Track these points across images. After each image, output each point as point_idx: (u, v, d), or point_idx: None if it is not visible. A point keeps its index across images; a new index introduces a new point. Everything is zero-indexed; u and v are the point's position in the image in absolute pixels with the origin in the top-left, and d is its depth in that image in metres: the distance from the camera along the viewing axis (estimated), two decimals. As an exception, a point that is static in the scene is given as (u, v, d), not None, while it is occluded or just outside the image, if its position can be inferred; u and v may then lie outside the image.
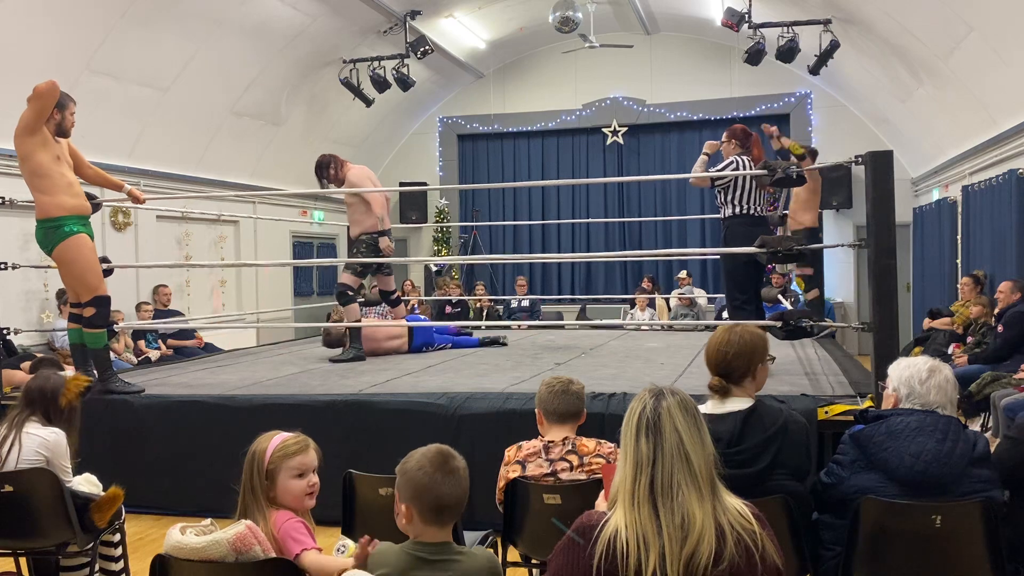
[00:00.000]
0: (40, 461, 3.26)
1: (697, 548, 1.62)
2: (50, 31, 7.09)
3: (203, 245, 10.11)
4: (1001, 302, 6.86)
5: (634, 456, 1.72)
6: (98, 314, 4.97)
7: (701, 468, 1.70)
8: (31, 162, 4.77)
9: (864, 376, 5.20)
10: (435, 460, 2.02)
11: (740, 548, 1.64)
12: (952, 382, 2.65)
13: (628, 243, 13.17)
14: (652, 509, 1.66)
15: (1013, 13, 6.64)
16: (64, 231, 4.82)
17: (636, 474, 1.70)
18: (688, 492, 1.67)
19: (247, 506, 2.37)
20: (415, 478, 2.00)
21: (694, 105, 12.57)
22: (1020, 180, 7.41)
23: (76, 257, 4.87)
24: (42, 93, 4.70)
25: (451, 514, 2.02)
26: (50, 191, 4.81)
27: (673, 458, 1.69)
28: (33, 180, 4.81)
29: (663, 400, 1.77)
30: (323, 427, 4.45)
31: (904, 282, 11.21)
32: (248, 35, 8.94)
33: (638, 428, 1.74)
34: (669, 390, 1.80)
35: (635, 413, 1.77)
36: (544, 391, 2.99)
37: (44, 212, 4.82)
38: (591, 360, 6.39)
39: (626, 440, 1.76)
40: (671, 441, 1.71)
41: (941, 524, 2.47)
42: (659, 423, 1.72)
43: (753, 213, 5.23)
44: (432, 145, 13.72)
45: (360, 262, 6.41)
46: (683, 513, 1.65)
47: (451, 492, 2.00)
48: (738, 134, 5.41)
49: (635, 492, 1.69)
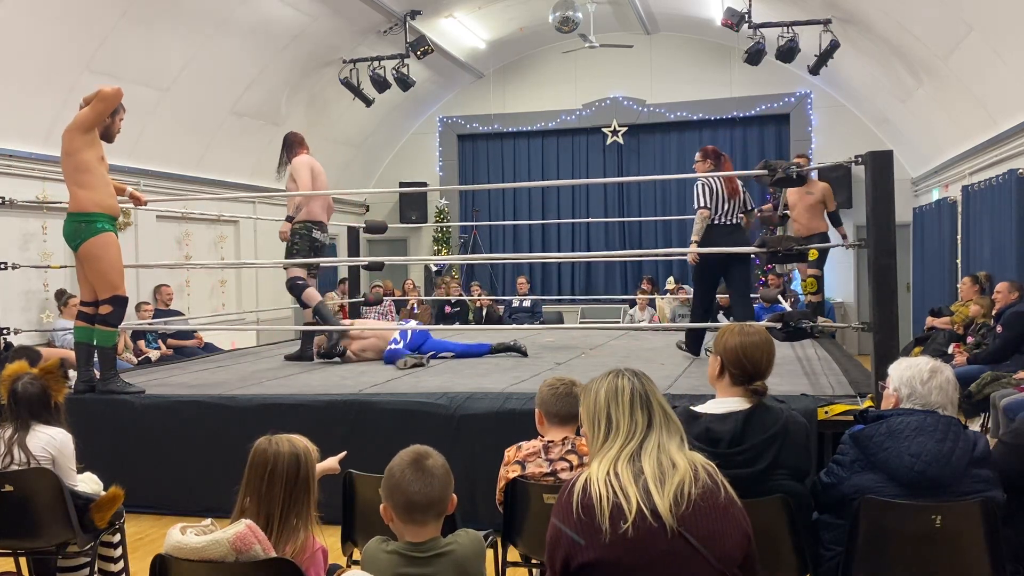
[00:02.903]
0: (46, 459, 3.25)
1: (682, 480, 1.91)
2: (50, 31, 7.08)
3: (203, 245, 10.11)
4: (999, 302, 6.86)
5: (628, 426, 1.99)
6: (115, 313, 5.04)
7: (679, 428, 2.04)
8: (77, 158, 4.89)
9: (864, 376, 5.20)
10: (409, 459, 2.07)
11: (708, 476, 1.95)
12: (953, 383, 2.65)
13: (628, 243, 13.17)
14: (632, 463, 1.94)
15: (1013, 13, 6.64)
16: (96, 227, 4.93)
17: (628, 439, 1.98)
18: (672, 447, 1.98)
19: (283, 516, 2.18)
20: (391, 477, 2.06)
21: (694, 105, 12.56)
22: (1020, 180, 7.41)
23: (103, 254, 4.97)
24: (107, 96, 4.85)
25: (424, 513, 2.03)
26: (90, 187, 4.92)
27: (663, 424, 2.01)
28: (75, 175, 4.92)
29: (643, 380, 2.07)
30: (323, 427, 4.45)
31: (904, 282, 11.20)
32: (248, 35, 8.94)
33: (632, 404, 2.01)
34: (638, 371, 2.10)
35: (624, 391, 2.03)
36: (546, 392, 2.98)
37: (79, 206, 4.92)
38: (591, 360, 6.40)
39: (616, 415, 2.01)
40: (659, 413, 2.02)
41: (941, 524, 2.47)
42: (648, 399, 2.03)
43: (727, 223, 5.69)
44: (432, 145, 13.71)
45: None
46: (669, 459, 1.95)
47: (422, 491, 2.01)
48: (710, 154, 5.89)
49: (621, 452, 1.96)
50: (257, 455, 2.24)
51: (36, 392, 3.31)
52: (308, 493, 2.24)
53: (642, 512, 1.85)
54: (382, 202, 13.73)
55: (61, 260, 7.52)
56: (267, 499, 2.19)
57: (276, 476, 2.19)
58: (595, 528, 1.86)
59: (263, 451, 2.23)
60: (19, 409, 3.30)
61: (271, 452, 2.22)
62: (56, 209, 7.32)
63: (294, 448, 2.24)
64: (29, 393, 3.30)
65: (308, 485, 2.24)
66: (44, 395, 3.33)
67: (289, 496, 2.20)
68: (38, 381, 3.34)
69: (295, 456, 2.23)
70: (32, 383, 3.33)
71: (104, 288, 5.01)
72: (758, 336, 2.65)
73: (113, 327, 5.08)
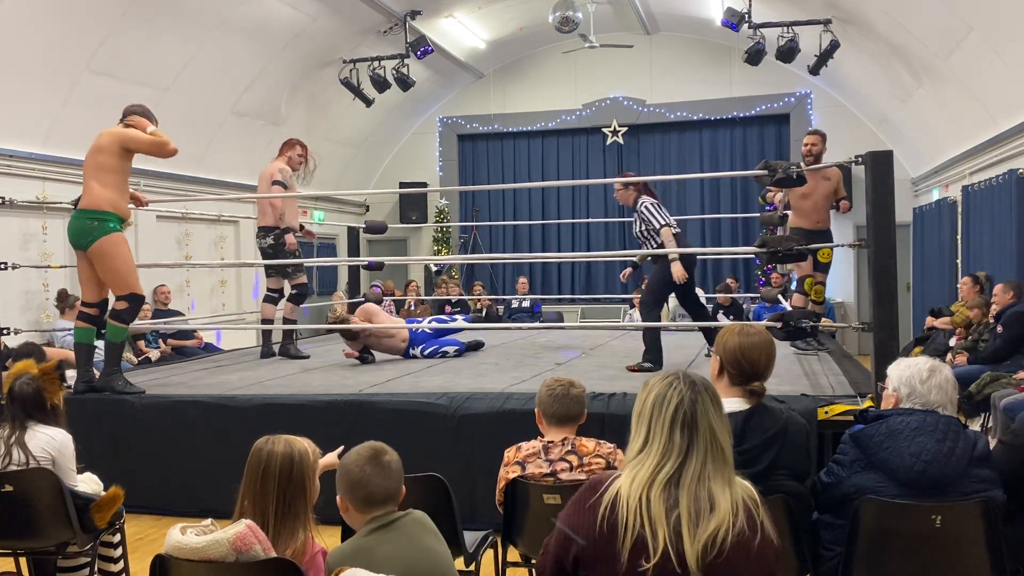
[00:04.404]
0: (46, 459, 3.26)
1: (719, 526, 1.73)
2: (50, 31, 7.08)
3: (203, 245, 10.11)
4: (997, 304, 6.86)
5: (664, 446, 1.79)
6: (129, 310, 5.08)
7: (729, 458, 1.82)
8: (107, 157, 4.96)
9: (864, 376, 5.20)
10: (367, 455, 2.17)
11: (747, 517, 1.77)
12: (952, 382, 2.65)
13: (628, 243, 13.16)
14: (669, 493, 1.75)
15: (1013, 13, 6.64)
16: (109, 226, 4.96)
17: (662, 460, 1.78)
18: (716, 481, 1.78)
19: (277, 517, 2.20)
20: (349, 472, 2.15)
21: (694, 105, 12.56)
22: (1020, 180, 7.41)
23: (117, 253, 5.01)
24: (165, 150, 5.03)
25: (383, 505, 2.15)
26: (110, 186, 4.98)
27: (707, 452, 1.79)
28: (98, 172, 4.96)
29: (698, 394, 1.83)
30: (323, 427, 4.45)
31: (904, 282, 11.20)
32: (248, 35, 8.94)
33: (673, 421, 1.80)
34: (700, 381, 1.87)
35: (670, 404, 1.82)
36: (545, 394, 2.98)
37: (94, 203, 4.94)
38: (591, 360, 6.40)
39: (655, 428, 1.82)
40: (705, 436, 1.80)
41: (941, 524, 2.47)
42: (695, 419, 1.80)
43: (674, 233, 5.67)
44: (432, 145, 13.71)
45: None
46: (709, 499, 1.75)
47: (382, 484, 2.13)
48: (636, 184, 5.91)
49: (653, 475, 1.77)
50: (253, 455, 2.26)
51: (31, 393, 3.32)
52: (304, 494, 2.24)
53: (668, 554, 1.71)
54: (382, 202, 13.73)
55: (61, 260, 7.52)
56: (261, 499, 2.21)
57: (269, 476, 2.21)
58: (613, 552, 1.76)
59: (259, 451, 2.25)
60: (15, 409, 3.31)
61: (265, 452, 2.24)
62: (56, 209, 7.33)
63: (289, 449, 2.25)
64: (24, 393, 3.31)
65: (303, 486, 2.24)
66: (39, 396, 3.33)
67: (283, 496, 2.21)
68: (34, 382, 3.34)
69: (289, 457, 2.24)
70: (28, 383, 3.33)
71: (120, 286, 5.06)
72: (758, 336, 2.64)
73: (125, 323, 5.11)
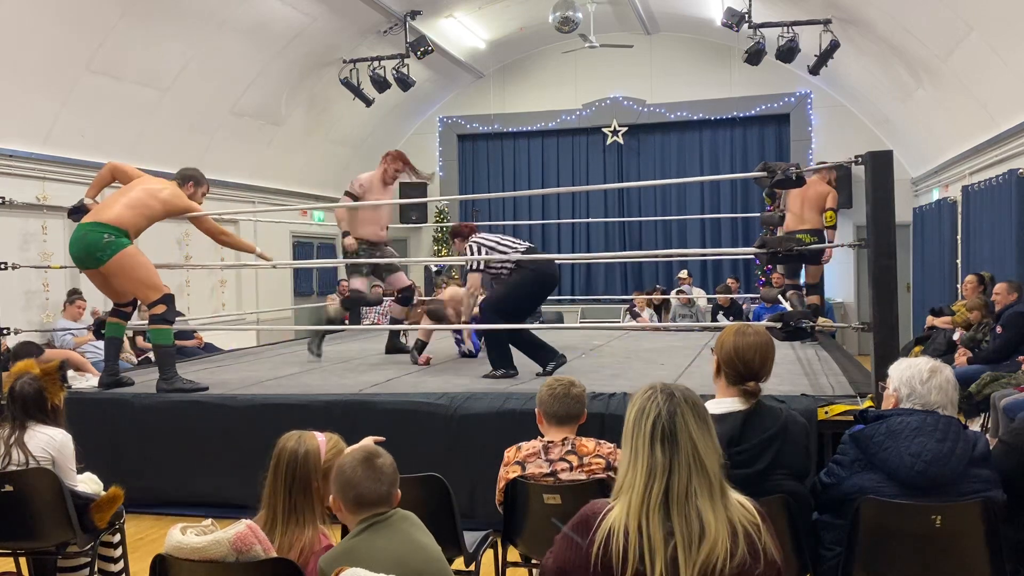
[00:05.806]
0: (46, 459, 3.25)
1: (712, 552, 1.65)
2: (50, 31, 7.08)
3: (203, 245, 10.09)
4: (998, 303, 6.85)
5: (648, 463, 1.72)
6: (169, 310, 5.24)
7: (715, 472, 1.72)
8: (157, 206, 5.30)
9: (864, 376, 5.20)
10: (360, 457, 2.18)
11: (748, 543, 1.68)
12: (953, 383, 2.65)
13: (628, 243, 13.17)
14: (664, 517, 1.68)
15: (1013, 13, 6.64)
16: (123, 241, 5.12)
17: (649, 481, 1.70)
18: (702, 498, 1.69)
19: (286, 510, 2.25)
20: (342, 472, 2.16)
21: (694, 105, 12.57)
22: (1020, 180, 7.41)
23: (138, 263, 5.19)
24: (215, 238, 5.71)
25: (374, 507, 2.16)
26: (133, 207, 5.19)
27: (690, 467, 1.70)
28: (137, 204, 5.22)
29: (677, 405, 1.75)
30: (323, 427, 4.43)
31: (904, 282, 11.20)
32: (248, 35, 8.94)
33: (652, 436, 1.73)
34: (680, 392, 1.79)
35: (648, 417, 1.75)
36: (545, 393, 2.98)
37: (115, 218, 5.11)
38: (591, 360, 6.40)
39: (637, 444, 1.75)
40: (686, 450, 1.71)
41: (941, 524, 2.47)
42: (675, 431, 1.72)
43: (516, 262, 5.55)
44: (432, 145, 13.71)
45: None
46: (699, 520, 1.67)
47: (372, 487, 2.14)
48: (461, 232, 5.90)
49: (646, 499, 1.69)
50: (273, 449, 2.35)
51: (31, 393, 3.31)
52: (308, 489, 2.29)
53: None
54: (382, 202, 13.72)
55: (61, 260, 7.52)
56: (272, 492, 2.29)
57: (279, 470, 2.30)
58: None
59: (276, 445, 2.34)
60: (15, 409, 3.30)
61: (279, 447, 2.33)
62: (56, 209, 7.33)
63: (300, 444, 2.33)
64: (25, 393, 3.31)
65: (307, 482, 2.29)
66: (40, 396, 3.33)
67: (291, 490, 2.28)
68: (36, 382, 3.34)
69: (295, 452, 2.30)
70: (29, 383, 3.33)
71: (150, 294, 5.23)
72: (754, 337, 2.64)
73: (169, 323, 5.26)
